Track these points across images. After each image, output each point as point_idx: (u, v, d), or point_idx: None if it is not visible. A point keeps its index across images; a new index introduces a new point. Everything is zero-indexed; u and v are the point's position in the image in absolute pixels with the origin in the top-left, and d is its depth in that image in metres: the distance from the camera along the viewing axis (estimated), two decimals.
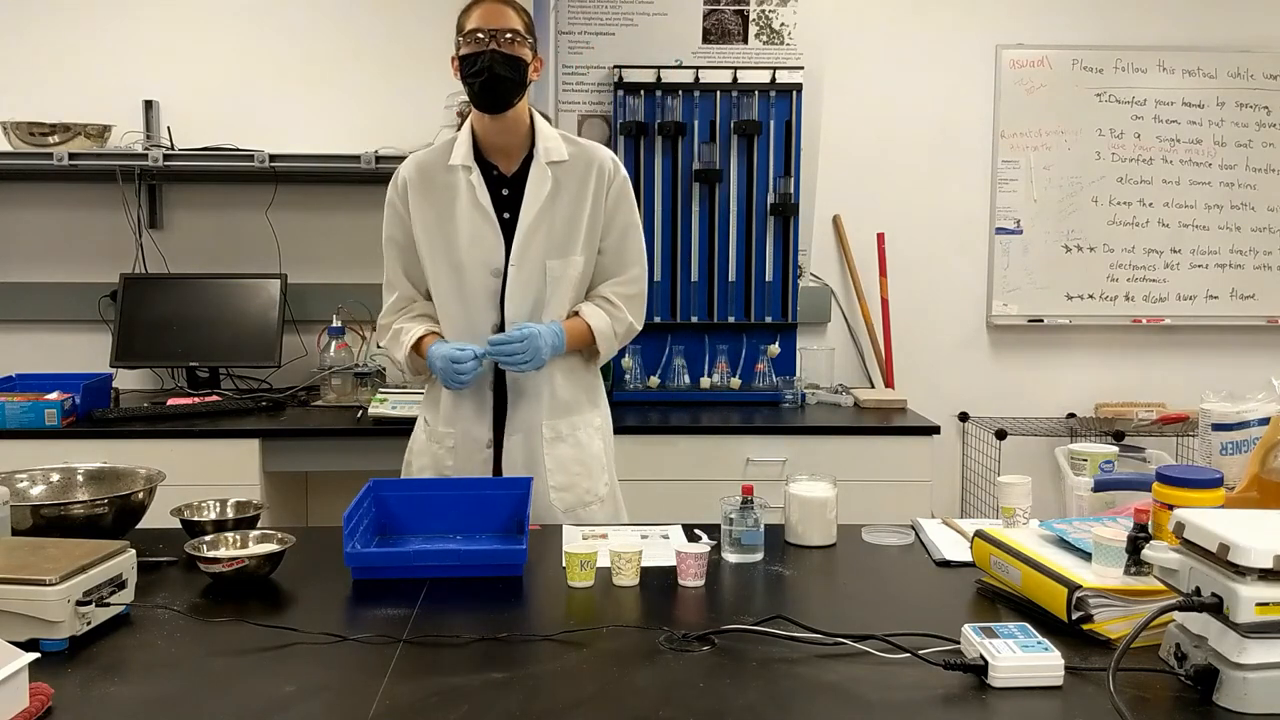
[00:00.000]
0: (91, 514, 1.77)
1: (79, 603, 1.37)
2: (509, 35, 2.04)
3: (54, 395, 2.89)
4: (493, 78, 2.04)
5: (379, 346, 2.27)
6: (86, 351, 3.49)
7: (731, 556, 1.79)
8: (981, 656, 1.29)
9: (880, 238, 3.61)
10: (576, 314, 2.17)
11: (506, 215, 2.13)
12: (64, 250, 3.53)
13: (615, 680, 1.30)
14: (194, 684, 1.29)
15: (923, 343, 3.68)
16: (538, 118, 2.17)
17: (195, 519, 1.87)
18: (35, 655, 1.18)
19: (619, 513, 2.26)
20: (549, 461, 2.16)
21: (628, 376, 3.37)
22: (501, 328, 2.13)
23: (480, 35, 2.03)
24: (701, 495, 2.20)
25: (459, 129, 2.23)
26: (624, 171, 2.20)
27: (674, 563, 1.69)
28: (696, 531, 1.92)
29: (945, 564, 1.77)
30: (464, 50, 2.06)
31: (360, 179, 3.43)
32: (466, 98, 2.14)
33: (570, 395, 2.20)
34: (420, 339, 2.15)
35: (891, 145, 3.64)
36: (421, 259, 2.17)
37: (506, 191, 2.14)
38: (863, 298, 3.61)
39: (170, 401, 3.08)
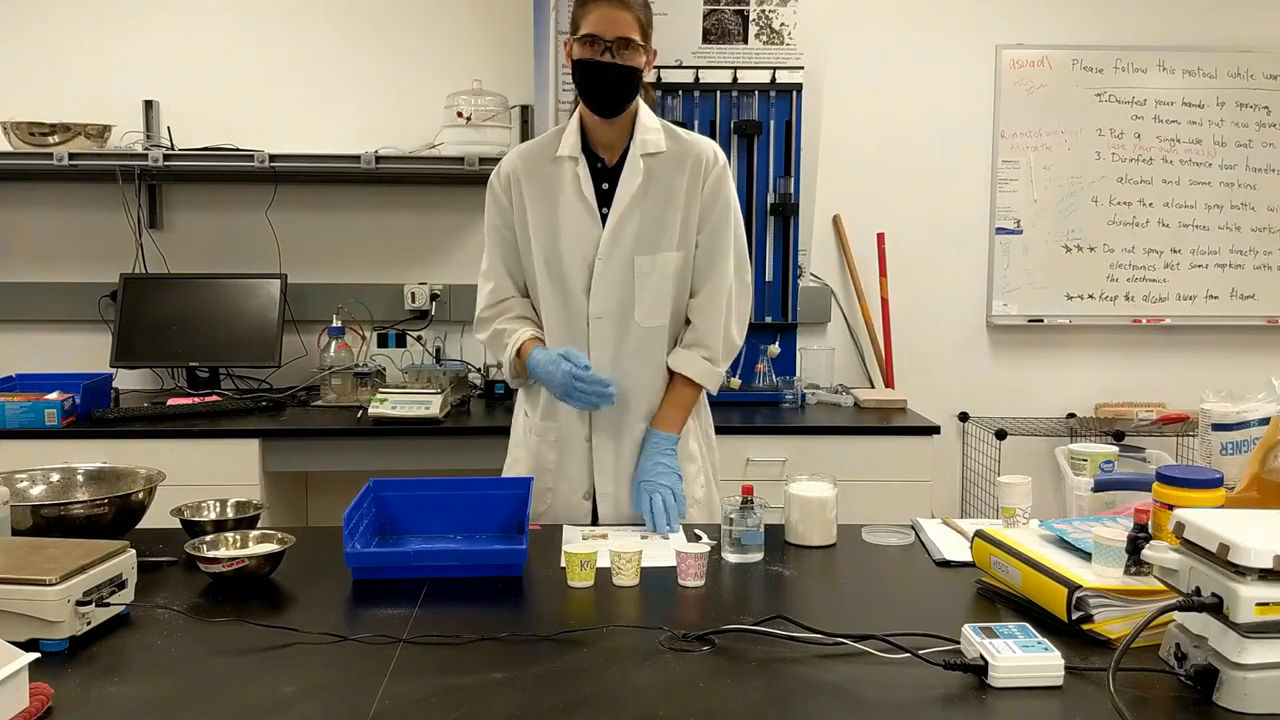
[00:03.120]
0: (91, 514, 1.77)
1: (79, 603, 1.37)
2: (625, 44, 1.97)
3: (54, 395, 2.89)
4: (604, 91, 1.99)
5: (478, 339, 2.21)
6: (86, 351, 3.48)
7: (731, 556, 1.79)
8: (981, 656, 1.29)
9: (880, 238, 3.61)
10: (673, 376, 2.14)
11: (605, 209, 2.08)
12: (64, 250, 3.53)
13: (615, 680, 1.30)
14: (194, 684, 1.29)
15: (923, 343, 3.68)
16: (642, 108, 2.10)
17: (195, 519, 1.87)
18: (35, 655, 1.18)
19: (714, 514, 2.19)
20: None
21: None
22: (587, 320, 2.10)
23: (595, 42, 1.97)
24: None
25: (571, 111, 2.17)
26: (724, 160, 2.12)
27: (674, 563, 1.69)
28: (696, 531, 1.92)
29: (945, 564, 1.77)
30: (577, 53, 1.99)
31: (360, 179, 3.44)
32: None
33: (660, 397, 2.15)
34: (524, 344, 2.11)
35: (891, 145, 3.64)
36: (523, 250, 2.13)
37: (606, 185, 2.09)
38: (863, 298, 3.61)
39: (170, 401, 3.08)
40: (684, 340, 2.15)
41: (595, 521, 2.13)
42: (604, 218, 2.07)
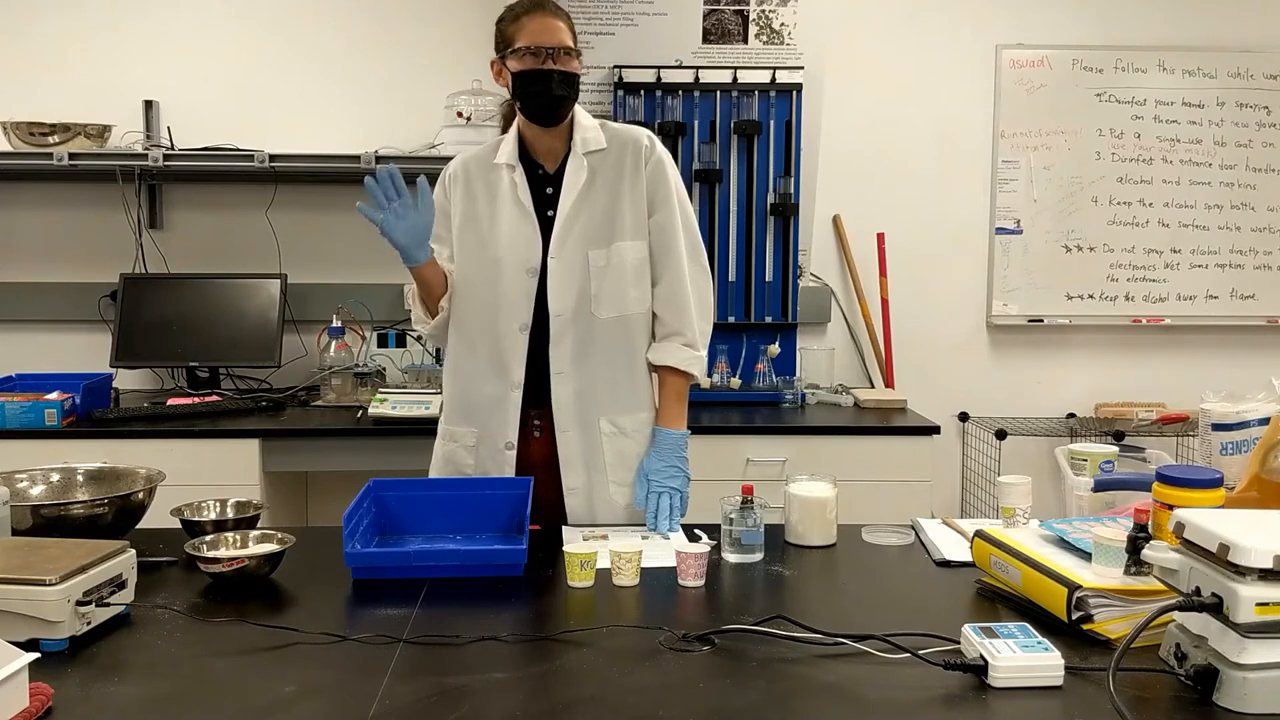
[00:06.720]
0: (91, 514, 1.77)
1: (79, 603, 1.37)
2: (564, 51, 2.02)
3: (54, 395, 2.89)
4: (553, 99, 2.03)
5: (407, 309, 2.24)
6: (86, 351, 3.49)
7: (731, 556, 1.79)
8: (981, 656, 1.29)
9: (880, 238, 3.61)
10: (656, 369, 2.15)
11: (550, 213, 2.10)
12: (64, 250, 3.53)
13: (615, 680, 1.30)
14: (194, 684, 1.29)
15: (923, 343, 3.68)
16: (578, 110, 2.14)
17: (195, 519, 1.87)
18: (35, 655, 1.18)
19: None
20: (609, 456, 2.12)
21: None
22: (534, 325, 2.09)
23: (537, 53, 2.00)
24: (701, 495, 2.19)
25: (502, 131, 2.21)
26: (661, 146, 2.14)
27: (674, 563, 1.69)
28: (696, 531, 1.92)
29: (945, 564, 1.77)
30: (517, 66, 2.03)
31: (360, 179, 3.42)
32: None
33: (629, 389, 2.15)
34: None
35: (891, 145, 3.64)
36: (455, 253, 2.15)
37: (550, 190, 2.12)
38: (863, 298, 3.61)
39: (170, 401, 3.08)
40: (658, 334, 2.16)
41: (564, 519, 2.12)
42: (548, 221, 2.10)
